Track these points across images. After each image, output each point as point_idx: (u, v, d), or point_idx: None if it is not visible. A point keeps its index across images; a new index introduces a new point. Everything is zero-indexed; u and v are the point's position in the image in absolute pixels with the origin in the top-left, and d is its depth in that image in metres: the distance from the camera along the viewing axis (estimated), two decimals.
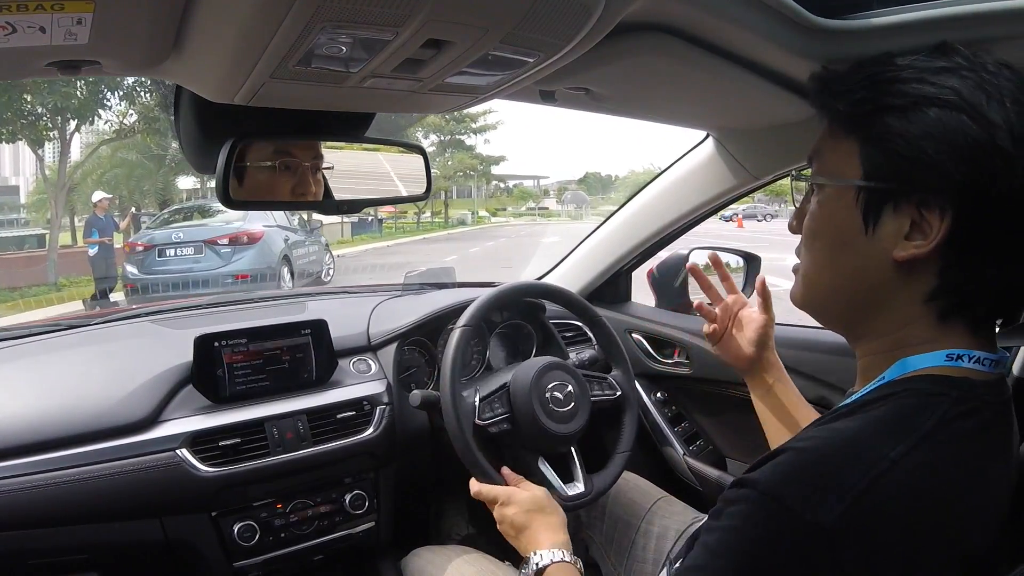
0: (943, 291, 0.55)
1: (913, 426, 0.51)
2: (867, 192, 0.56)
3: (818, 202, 0.61)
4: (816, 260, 0.62)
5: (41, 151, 12.80)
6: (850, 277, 0.59)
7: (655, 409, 1.55)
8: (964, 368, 0.55)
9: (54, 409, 1.02)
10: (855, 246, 0.58)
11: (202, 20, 0.57)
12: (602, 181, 53.30)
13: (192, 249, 7.29)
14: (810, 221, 0.62)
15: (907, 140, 0.54)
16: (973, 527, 0.53)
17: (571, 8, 0.58)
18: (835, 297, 0.62)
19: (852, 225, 0.57)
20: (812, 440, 0.53)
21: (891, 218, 0.55)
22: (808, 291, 0.64)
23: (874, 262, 0.57)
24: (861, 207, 0.57)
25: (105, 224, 8.08)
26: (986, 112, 0.52)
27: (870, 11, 0.78)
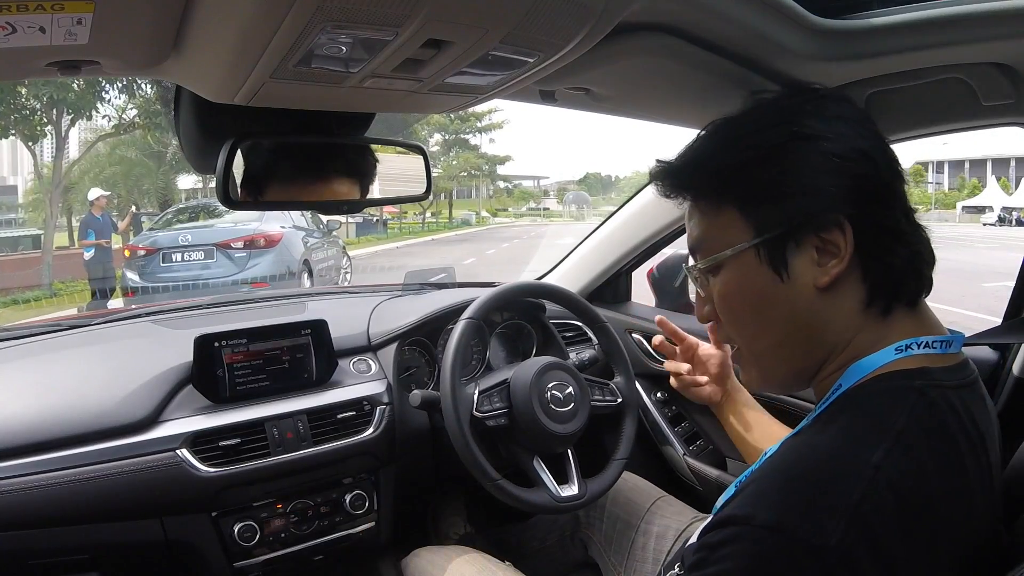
0: (875, 292, 0.57)
1: (886, 427, 0.51)
2: (764, 246, 0.59)
3: (721, 282, 0.63)
4: (748, 333, 0.63)
5: (36, 147, 12.50)
6: (787, 327, 0.60)
7: (655, 409, 1.55)
8: (918, 356, 0.56)
9: (55, 409, 1.02)
10: (776, 298, 0.59)
11: (202, 20, 0.57)
12: (602, 181, 53.34)
13: (202, 253, 6.56)
14: (723, 302, 0.63)
15: (781, 183, 0.57)
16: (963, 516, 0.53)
17: (571, 8, 0.58)
18: (783, 352, 0.62)
19: (765, 282, 0.59)
20: (789, 461, 0.53)
21: (797, 256, 0.58)
22: (758, 367, 0.64)
23: (800, 301, 0.58)
24: (767, 262, 0.59)
25: (103, 225, 7.54)
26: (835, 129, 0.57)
27: (870, 11, 0.78)
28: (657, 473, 1.46)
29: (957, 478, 0.53)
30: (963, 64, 0.83)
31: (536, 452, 1.16)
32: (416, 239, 20.35)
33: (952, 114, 0.95)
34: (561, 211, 38.28)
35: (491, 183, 33.52)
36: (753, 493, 0.51)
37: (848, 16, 0.78)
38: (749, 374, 0.66)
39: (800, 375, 0.63)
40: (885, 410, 0.53)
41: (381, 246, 16.81)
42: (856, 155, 0.57)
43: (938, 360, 0.56)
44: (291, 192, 0.91)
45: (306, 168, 0.89)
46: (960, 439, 0.54)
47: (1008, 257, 1.55)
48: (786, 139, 0.58)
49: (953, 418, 0.54)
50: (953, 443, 0.53)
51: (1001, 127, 1.00)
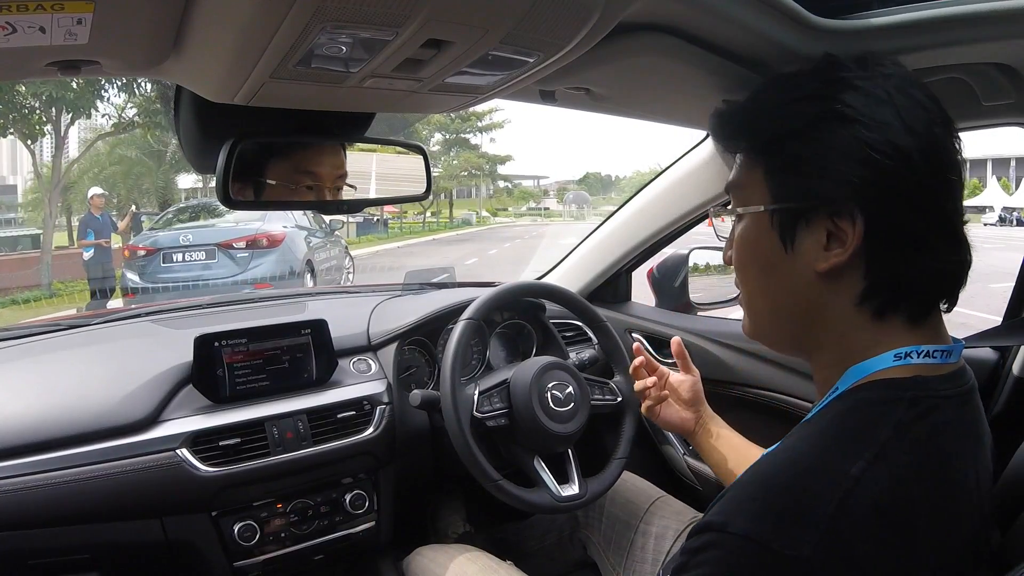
0: (872, 291, 0.56)
1: (869, 438, 0.51)
2: (778, 214, 0.59)
3: (738, 233, 0.64)
4: (751, 288, 0.64)
5: (35, 146, 12.41)
6: (783, 297, 0.61)
7: None
8: (915, 365, 0.55)
9: (54, 409, 1.02)
10: (780, 267, 0.59)
11: (202, 20, 0.57)
12: (602, 181, 53.33)
13: (203, 254, 6.47)
14: (736, 252, 0.64)
15: (806, 160, 0.56)
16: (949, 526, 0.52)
17: (571, 8, 0.58)
18: (776, 320, 0.63)
19: (773, 248, 0.59)
20: (768, 470, 0.53)
21: (806, 234, 0.57)
22: (753, 320, 0.66)
23: (801, 278, 0.58)
24: (777, 229, 0.59)
25: (102, 224, 7.50)
26: (876, 115, 0.54)
27: (870, 11, 0.78)
28: (657, 473, 1.46)
29: (943, 489, 0.52)
30: (963, 64, 0.83)
31: (536, 452, 1.16)
32: (417, 239, 20.32)
33: (952, 114, 0.95)
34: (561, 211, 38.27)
35: (491, 183, 33.49)
36: (731, 499, 0.52)
37: (848, 16, 0.78)
38: (744, 321, 0.67)
39: (788, 344, 0.65)
40: (871, 421, 0.52)
41: (382, 246, 16.78)
42: (890, 149, 0.53)
43: (935, 369, 0.56)
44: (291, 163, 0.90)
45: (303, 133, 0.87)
46: (949, 450, 0.53)
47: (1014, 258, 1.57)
48: (822, 115, 0.56)
49: (943, 429, 0.53)
50: (940, 454, 0.53)
51: (1001, 127, 1.00)
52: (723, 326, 1.50)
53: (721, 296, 1.59)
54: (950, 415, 0.54)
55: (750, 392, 1.41)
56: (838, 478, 0.49)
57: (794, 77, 0.62)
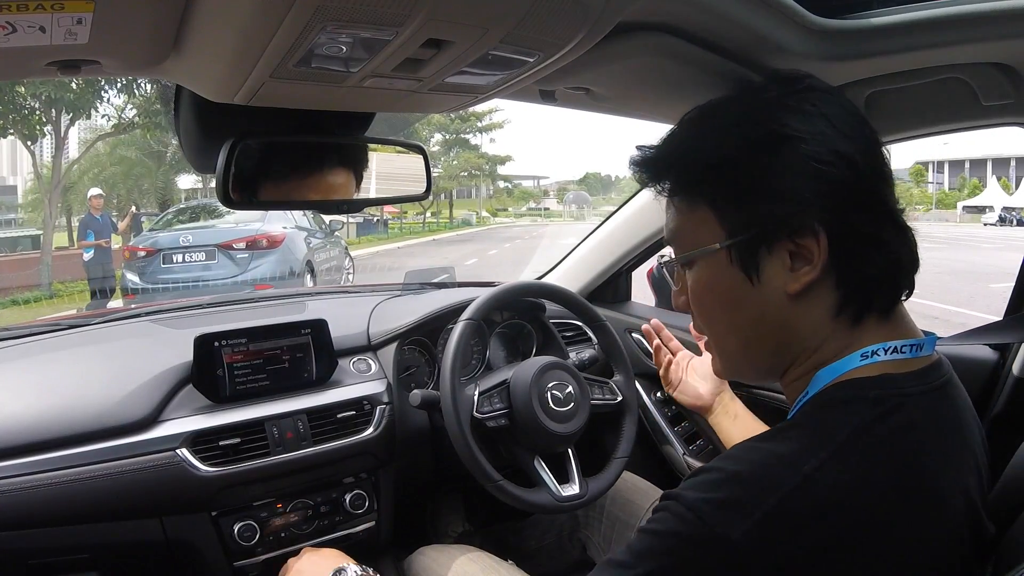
0: (847, 300, 0.56)
1: (827, 438, 0.51)
2: (736, 248, 0.57)
3: (694, 277, 0.62)
4: (718, 330, 0.63)
5: (35, 147, 12.40)
6: (754, 329, 0.60)
7: (655, 409, 1.55)
8: (882, 363, 0.55)
9: (54, 409, 1.02)
10: (747, 300, 0.58)
11: (202, 20, 0.57)
12: (602, 181, 53.34)
13: (203, 255, 6.51)
14: (695, 298, 0.63)
15: (754, 186, 0.55)
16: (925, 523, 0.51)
17: (571, 8, 0.58)
18: (750, 354, 0.62)
19: (736, 283, 0.58)
20: (734, 459, 0.54)
21: (769, 260, 0.57)
22: (727, 362, 0.65)
23: (772, 305, 0.57)
24: (738, 264, 0.58)
25: (102, 225, 7.50)
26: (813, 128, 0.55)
27: (870, 11, 0.78)
28: (657, 473, 1.46)
29: (914, 485, 0.51)
30: (963, 64, 0.83)
31: (536, 452, 1.16)
32: (417, 239, 20.32)
33: (952, 114, 0.95)
34: (561, 211, 38.28)
35: (491, 183, 33.50)
36: (698, 476, 0.54)
37: (848, 16, 0.78)
38: (716, 364, 0.67)
39: (765, 373, 0.64)
40: (831, 421, 0.52)
41: (382, 246, 16.78)
42: (835, 159, 0.54)
43: (905, 365, 0.55)
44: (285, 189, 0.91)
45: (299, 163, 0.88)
46: (918, 449, 0.53)
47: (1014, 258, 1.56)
48: (763, 138, 0.56)
49: (910, 427, 0.53)
50: (905, 454, 0.52)
51: (1001, 127, 1.00)
52: None
53: None
54: (918, 413, 0.53)
55: (748, 391, 1.41)
56: (787, 475, 0.49)
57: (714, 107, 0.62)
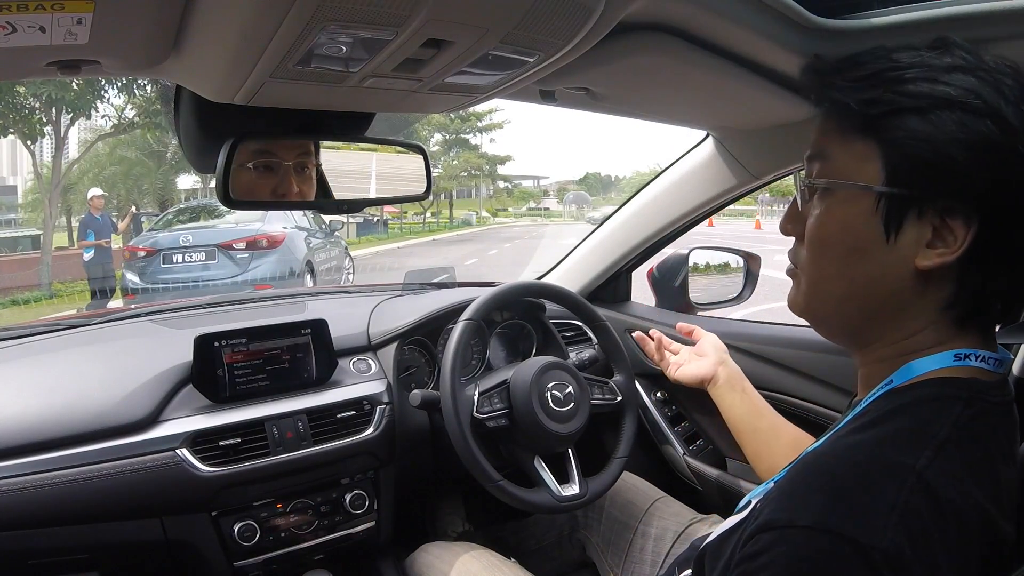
0: (961, 298, 0.54)
1: (930, 434, 0.50)
2: (889, 198, 0.53)
3: (826, 206, 0.57)
4: (826, 269, 0.58)
5: (35, 147, 12.35)
6: (865, 286, 0.56)
7: (655, 409, 1.55)
8: (971, 368, 0.54)
9: (54, 409, 1.02)
10: (873, 254, 0.55)
11: (202, 20, 0.57)
12: (602, 181, 53.34)
13: (203, 255, 6.47)
14: (817, 228, 0.58)
15: (933, 145, 0.51)
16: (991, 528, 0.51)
17: (571, 8, 0.58)
18: (845, 307, 0.58)
19: (870, 232, 0.54)
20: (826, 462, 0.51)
21: (913, 226, 0.53)
22: (814, 300, 0.60)
23: (894, 271, 0.54)
24: (882, 214, 0.53)
25: (102, 225, 7.47)
26: (1007, 116, 0.51)
27: (870, 11, 0.78)
28: (657, 473, 1.46)
29: (991, 491, 0.51)
30: None
31: (537, 452, 1.16)
32: (417, 239, 20.28)
33: None
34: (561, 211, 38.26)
35: (491, 183, 33.49)
36: (789, 495, 0.49)
37: (848, 16, 0.78)
38: (796, 297, 0.62)
39: (846, 333, 0.60)
40: (930, 417, 0.51)
41: (382, 246, 16.75)
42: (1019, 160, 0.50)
43: (987, 375, 0.55)
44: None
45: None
46: (995, 454, 0.53)
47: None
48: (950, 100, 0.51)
49: (992, 433, 0.53)
50: (990, 457, 0.52)
51: None
52: (723, 326, 1.49)
53: (721, 296, 1.59)
54: (997, 421, 0.53)
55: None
56: (902, 470, 0.47)
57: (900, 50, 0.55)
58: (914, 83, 0.53)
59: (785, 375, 1.31)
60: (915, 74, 0.53)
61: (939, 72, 0.53)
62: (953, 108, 0.51)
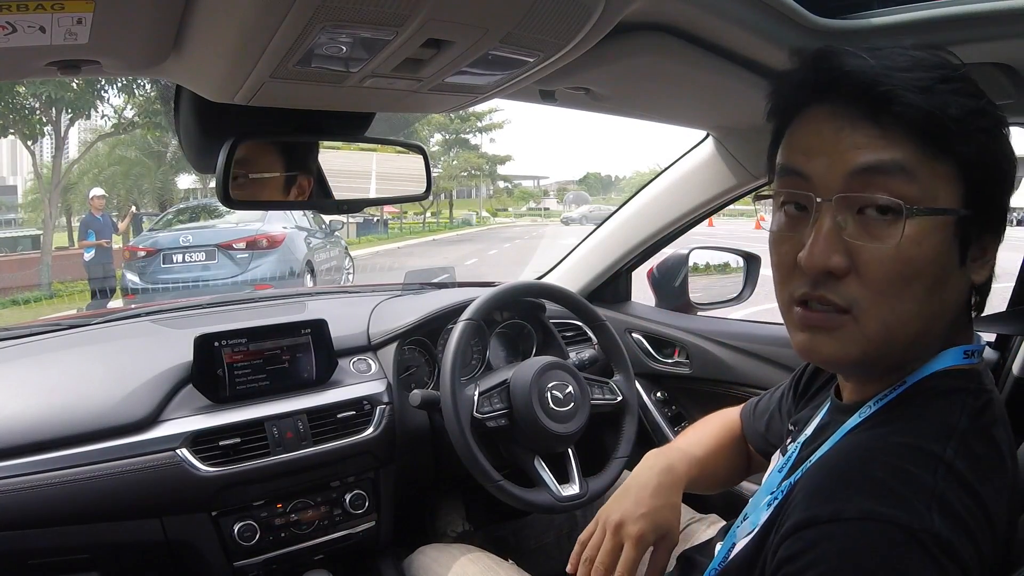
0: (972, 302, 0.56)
1: (951, 425, 0.51)
2: (967, 221, 0.50)
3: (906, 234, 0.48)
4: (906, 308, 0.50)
5: (35, 147, 12.36)
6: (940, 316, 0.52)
7: (655, 409, 1.55)
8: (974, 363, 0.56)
9: (54, 409, 1.02)
10: (951, 281, 0.51)
11: (202, 20, 0.57)
12: (602, 181, 53.30)
13: (203, 255, 6.46)
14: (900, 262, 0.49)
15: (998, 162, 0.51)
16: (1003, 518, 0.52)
17: (571, 8, 0.58)
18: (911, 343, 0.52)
19: (950, 258, 0.50)
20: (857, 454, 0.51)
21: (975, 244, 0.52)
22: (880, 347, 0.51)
23: (962, 292, 0.53)
24: (958, 238, 0.50)
25: (102, 225, 7.44)
26: None
27: (870, 11, 0.78)
28: None
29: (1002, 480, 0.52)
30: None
31: (537, 452, 1.16)
32: (417, 239, 20.25)
33: None
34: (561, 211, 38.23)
35: (491, 183, 33.47)
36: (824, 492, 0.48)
37: (848, 16, 0.78)
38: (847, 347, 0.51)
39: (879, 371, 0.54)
40: (947, 409, 0.52)
41: (382, 246, 16.72)
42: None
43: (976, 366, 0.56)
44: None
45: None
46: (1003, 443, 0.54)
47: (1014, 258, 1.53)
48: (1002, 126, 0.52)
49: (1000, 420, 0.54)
50: (998, 446, 0.53)
51: None
52: (723, 326, 1.50)
53: (721, 296, 1.59)
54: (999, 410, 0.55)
55: (750, 392, 1.40)
56: (932, 461, 0.48)
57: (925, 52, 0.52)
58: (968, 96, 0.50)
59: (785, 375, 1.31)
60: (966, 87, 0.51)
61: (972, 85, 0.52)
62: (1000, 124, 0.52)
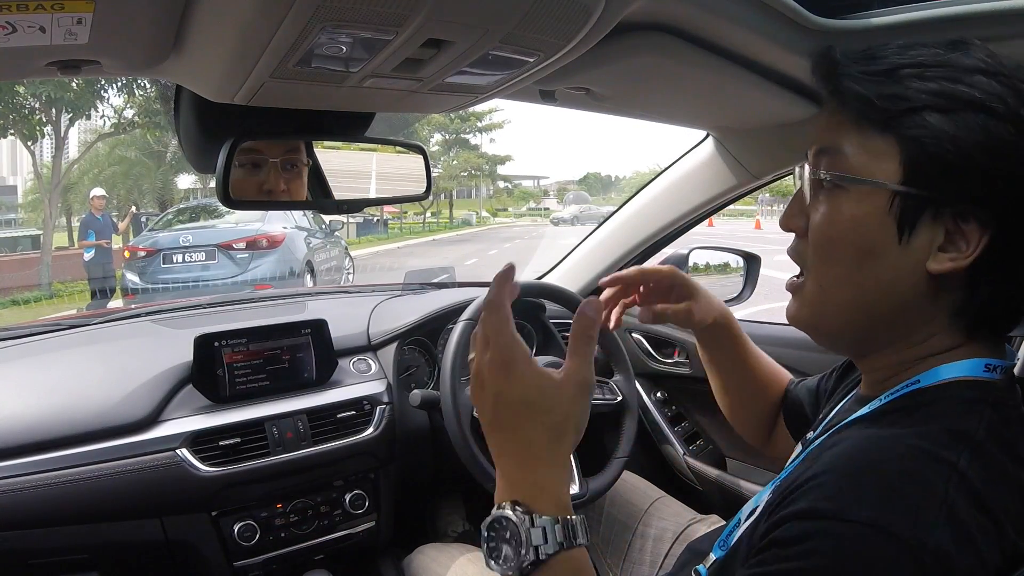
0: (971, 306, 0.53)
1: (967, 434, 0.49)
2: (905, 198, 0.51)
3: (836, 203, 0.55)
4: (834, 272, 0.56)
5: (35, 147, 12.34)
6: (876, 291, 0.54)
7: (655, 409, 1.55)
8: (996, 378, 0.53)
9: (54, 409, 1.02)
10: (884, 256, 0.53)
11: (202, 20, 0.57)
12: (602, 181, 53.34)
13: (203, 254, 6.46)
14: (827, 226, 0.55)
15: (956, 146, 0.50)
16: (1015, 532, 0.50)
17: (571, 8, 0.58)
18: (854, 316, 0.56)
19: (884, 233, 0.52)
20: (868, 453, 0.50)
21: (927, 228, 0.51)
22: (820, 308, 0.57)
23: (905, 275, 0.52)
24: (896, 213, 0.52)
25: (103, 225, 7.46)
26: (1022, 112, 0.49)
27: (870, 11, 0.78)
28: (657, 473, 1.46)
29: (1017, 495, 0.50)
30: None
31: None
32: (417, 239, 20.23)
33: None
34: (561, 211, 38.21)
35: (491, 183, 33.47)
36: (834, 486, 0.48)
37: (848, 16, 0.78)
38: (799, 309, 0.59)
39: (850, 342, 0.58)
40: (963, 418, 0.50)
41: (382, 246, 16.71)
42: None
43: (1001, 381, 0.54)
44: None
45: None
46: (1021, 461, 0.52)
47: None
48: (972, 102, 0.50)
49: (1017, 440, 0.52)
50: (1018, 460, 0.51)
51: None
52: None
53: (721, 296, 1.59)
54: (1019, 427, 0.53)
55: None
56: (945, 468, 0.47)
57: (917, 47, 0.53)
58: (936, 81, 0.51)
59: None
60: (937, 73, 0.51)
61: (961, 73, 0.51)
62: (977, 111, 0.50)
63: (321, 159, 0.98)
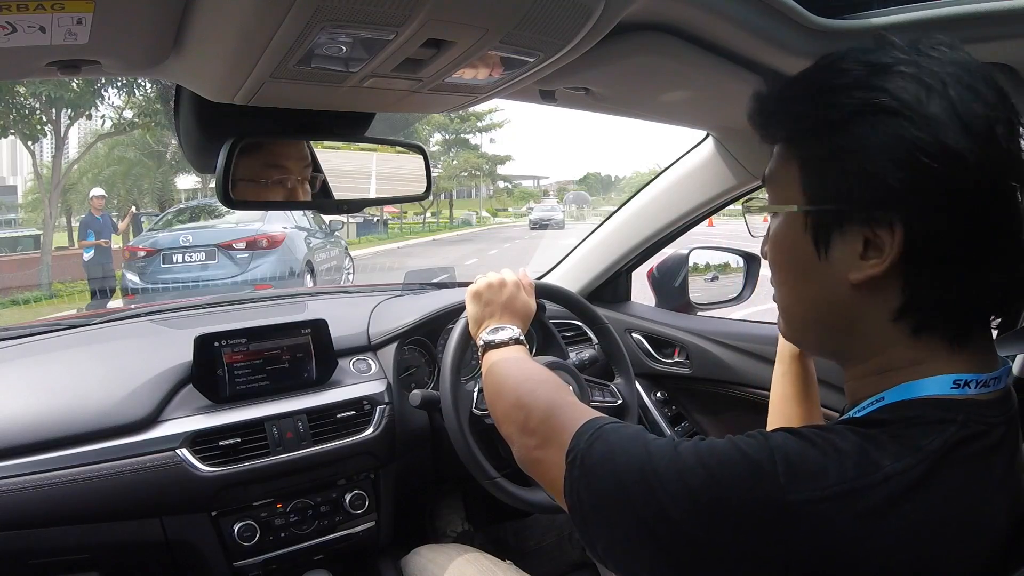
0: (909, 307, 0.51)
1: (917, 446, 0.48)
2: (812, 216, 0.54)
3: (774, 229, 0.59)
4: (785, 292, 0.60)
5: (35, 147, 12.34)
6: (815, 305, 0.57)
7: (655, 409, 1.55)
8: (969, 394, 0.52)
9: (54, 409, 1.02)
10: (813, 274, 0.55)
11: (202, 20, 0.57)
12: (602, 181, 53.33)
13: (203, 255, 6.48)
14: (769, 251, 0.60)
15: (845, 157, 0.51)
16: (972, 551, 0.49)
17: (571, 8, 0.58)
18: (810, 327, 0.59)
19: (806, 252, 0.55)
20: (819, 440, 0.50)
21: (841, 240, 0.52)
22: (788, 324, 0.62)
23: (833, 287, 0.54)
24: (811, 233, 0.54)
25: (102, 225, 7.47)
26: (926, 109, 0.48)
27: (870, 11, 0.78)
28: None
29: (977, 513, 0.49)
30: None
31: None
32: (417, 239, 20.21)
33: None
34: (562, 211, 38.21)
35: (491, 183, 33.46)
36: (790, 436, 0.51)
37: (848, 16, 0.78)
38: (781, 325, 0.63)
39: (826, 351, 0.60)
40: (921, 433, 0.49)
41: (382, 246, 16.69)
42: (939, 151, 0.47)
43: (986, 396, 0.52)
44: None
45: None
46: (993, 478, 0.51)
47: None
48: (863, 106, 0.49)
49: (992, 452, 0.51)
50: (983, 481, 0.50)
51: None
52: (723, 326, 1.50)
53: (721, 296, 1.59)
54: (997, 441, 0.51)
55: (750, 392, 1.41)
56: (868, 468, 0.47)
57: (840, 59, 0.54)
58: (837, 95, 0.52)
59: None
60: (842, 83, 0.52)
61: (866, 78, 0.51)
62: (867, 114, 0.49)
63: (321, 159, 0.98)
